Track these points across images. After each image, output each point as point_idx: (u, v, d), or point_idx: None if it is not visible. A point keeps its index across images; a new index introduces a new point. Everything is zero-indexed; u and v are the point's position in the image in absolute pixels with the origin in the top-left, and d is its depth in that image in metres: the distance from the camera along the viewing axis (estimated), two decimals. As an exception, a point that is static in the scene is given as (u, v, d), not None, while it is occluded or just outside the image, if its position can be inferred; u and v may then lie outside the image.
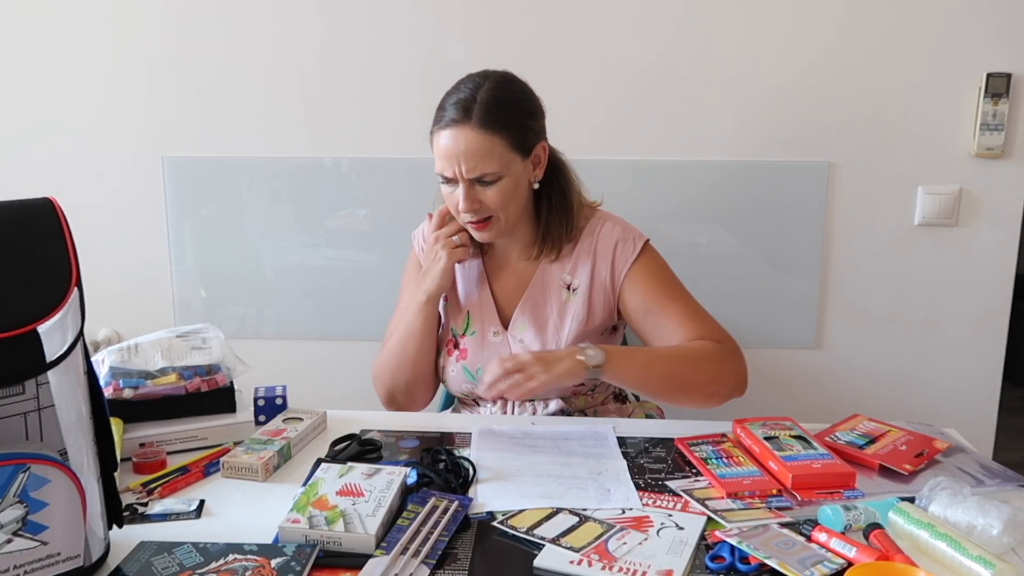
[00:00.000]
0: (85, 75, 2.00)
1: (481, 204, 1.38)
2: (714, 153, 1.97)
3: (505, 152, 1.36)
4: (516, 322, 1.50)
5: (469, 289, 1.53)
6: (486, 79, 1.39)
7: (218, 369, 1.33)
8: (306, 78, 1.98)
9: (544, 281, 1.50)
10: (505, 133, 1.35)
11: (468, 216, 1.40)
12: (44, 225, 0.91)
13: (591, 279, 1.48)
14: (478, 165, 1.35)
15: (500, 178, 1.37)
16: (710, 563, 0.98)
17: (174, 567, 0.94)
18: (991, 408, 2.07)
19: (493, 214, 1.40)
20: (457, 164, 1.35)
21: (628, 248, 1.47)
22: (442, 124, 1.37)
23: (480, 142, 1.34)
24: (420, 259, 1.56)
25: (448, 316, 1.54)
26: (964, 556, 0.94)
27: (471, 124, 1.34)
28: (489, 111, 1.34)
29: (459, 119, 1.34)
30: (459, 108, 1.35)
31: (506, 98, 1.38)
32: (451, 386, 1.55)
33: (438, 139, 1.37)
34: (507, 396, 1.32)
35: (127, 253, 2.09)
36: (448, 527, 1.04)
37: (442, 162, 1.37)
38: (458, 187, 1.37)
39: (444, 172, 1.38)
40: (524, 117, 1.40)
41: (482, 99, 1.35)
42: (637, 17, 1.91)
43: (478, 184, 1.37)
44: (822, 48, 1.91)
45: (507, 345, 1.50)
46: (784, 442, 1.23)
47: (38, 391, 0.88)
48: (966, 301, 2.02)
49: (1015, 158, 1.93)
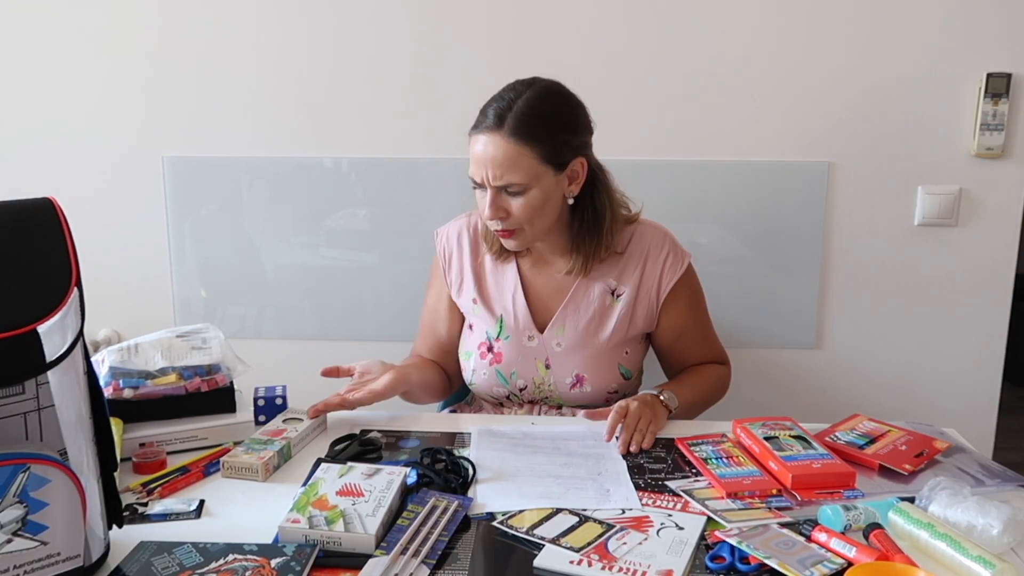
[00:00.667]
0: (85, 75, 2.00)
1: (507, 214, 1.38)
2: (714, 153, 1.97)
3: (534, 164, 1.35)
4: (554, 326, 1.50)
5: (503, 293, 1.52)
6: (529, 87, 1.38)
7: (218, 369, 1.33)
8: (306, 78, 1.98)
9: (588, 286, 1.50)
10: (536, 145, 1.34)
11: (494, 224, 1.40)
12: (44, 225, 0.91)
13: (638, 287, 1.50)
14: (505, 174, 1.34)
15: (527, 189, 1.36)
16: (710, 563, 0.98)
17: (174, 567, 0.94)
18: (991, 408, 2.07)
19: (518, 227, 1.40)
20: (485, 170, 1.35)
21: (677, 264, 1.50)
22: (478, 129, 1.37)
23: (508, 151, 1.33)
24: (441, 258, 1.57)
25: (481, 320, 1.54)
26: (964, 556, 0.94)
27: (502, 132, 1.33)
28: (522, 122, 1.33)
29: (492, 126, 1.34)
30: (495, 115, 1.35)
31: (544, 110, 1.36)
32: (480, 388, 1.55)
33: (473, 143, 1.38)
34: (642, 447, 1.31)
35: (127, 253, 2.09)
36: (448, 527, 1.04)
37: (473, 166, 1.38)
38: (487, 193, 1.37)
39: (474, 176, 1.38)
40: (560, 131, 1.38)
41: (518, 108, 1.34)
42: (636, 18, 1.91)
43: (505, 193, 1.36)
44: (822, 48, 1.90)
45: (544, 349, 1.50)
46: (784, 442, 1.23)
47: (38, 391, 0.88)
48: (966, 301, 2.02)
49: (1015, 158, 1.93)
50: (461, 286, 1.55)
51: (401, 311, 2.05)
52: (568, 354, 1.49)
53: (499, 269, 1.53)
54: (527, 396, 1.52)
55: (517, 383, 1.51)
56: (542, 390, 1.51)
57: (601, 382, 1.49)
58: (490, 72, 1.91)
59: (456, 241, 1.56)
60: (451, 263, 1.56)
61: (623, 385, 1.52)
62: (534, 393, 1.52)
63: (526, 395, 1.52)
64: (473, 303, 1.53)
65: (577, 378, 1.49)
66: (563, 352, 1.49)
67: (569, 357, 1.49)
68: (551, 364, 1.50)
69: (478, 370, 1.52)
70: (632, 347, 1.53)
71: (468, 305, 1.54)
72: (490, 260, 1.54)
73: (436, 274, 1.60)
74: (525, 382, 1.51)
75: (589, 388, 1.49)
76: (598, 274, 1.50)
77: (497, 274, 1.53)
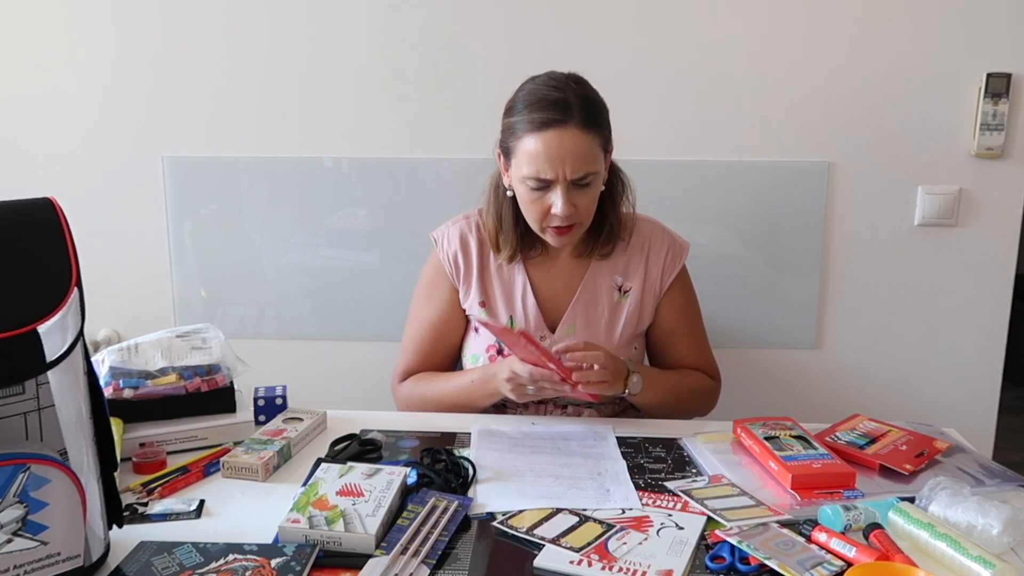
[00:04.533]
0: (85, 75, 2.00)
1: (575, 208, 1.37)
2: (714, 153, 1.97)
3: (599, 152, 1.37)
4: (565, 325, 1.50)
5: (511, 296, 1.51)
6: (572, 80, 1.38)
7: (218, 369, 1.33)
8: (306, 78, 1.98)
9: (595, 283, 1.50)
10: (599, 133, 1.36)
11: (559, 221, 1.37)
12: (44, 225, 0.90)
13: (643, 281, 1.50)
14: (582, 165, 1.33)
15: (596, 179, 1.38)
16: (710, 563, 0.98)
17: (174, 567, 0.94)
18: (991, 408, 2.07)
19: (581, 220, 1.40)
20: (562, 165, 1.33)
21: (678, 258, 1.52)
22: (539, 125, 1.33)
23: (585, 142, 1.34)
24: (443, 262, 1.53)
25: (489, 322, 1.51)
26: (964, 556, 0.94)
27: (574, 124, 1.32)
28: (588, 111, 1.35)
29: (562, 119, 1.32)
30: (559, 109, 1.33)
31: (596, 98, 1.39)
32: None
33: (537, 142, 1.33)
34: (583, 393, 1.29)
35: (127, 253, 2.09)
36: (448, 527, 1.04)
37: (542, 164, 1.33)
38: (550, 191, 1.35)
39: (543, 175, 1.34)
40: (607, 117, 1.40)
41: (578, 99, 1.34)
42: (636, 18, 1.91)
43: (575, 187, 1.36)
44: (822, 48, 1.90)
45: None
46: (784, 442, 1.23)
47: (38, 391, 0.88)
48: (966, 301, 2.02)
49: (1015, 158, 1.93)
50: (469, 289, 1.53)
51: (401, 311, 2.03)
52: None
53: (505, 270, 1.52)
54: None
55: None
56: None
57: None
58: (490, 72, 1.92)
59: (460, 243, 1.52)
60: (458, 266, 1.52)
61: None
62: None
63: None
64: (481, 306, 1.52)
65: None
66: None
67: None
68: None
69: None
70: (639, 342, 1.54)
71: (475, 309, 1.52)
72: (495, 262, 1.52)
73: (439, 283, 1.54)
74: None
75: None
76: (604, 270, 1.50)
77: (504, 275, 1.52)
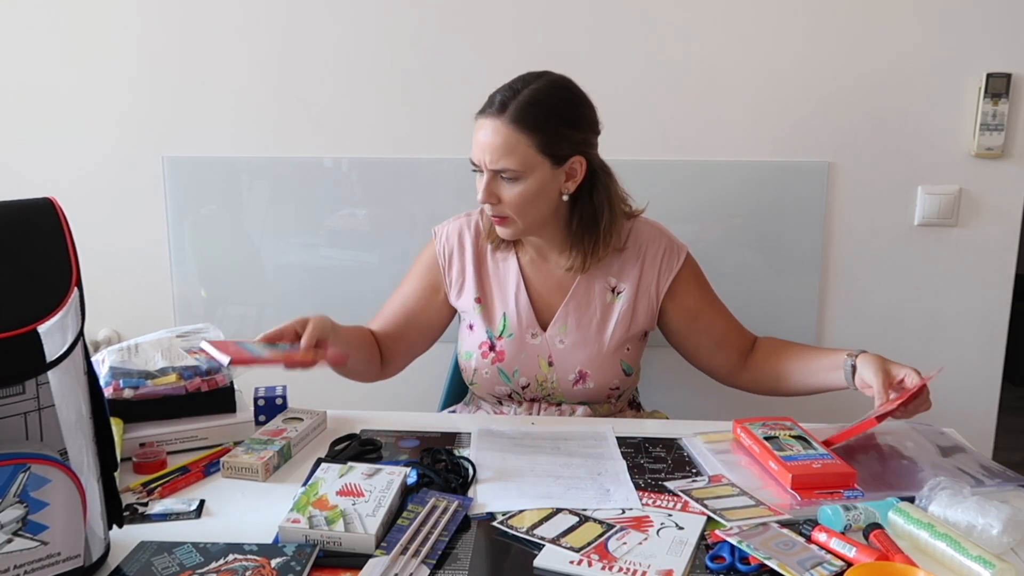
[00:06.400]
0: (85, 75, 2.00)
1: (498, 199, 1.40)
2: (714, 153, 1.97)
3: (530, 153, 1.37)
4: (556, 323, 1.51)
5: (505, 290, 1.53)
6: (538, 79, 1.40)
7: (218, 369, 1.33)
8: (306, 78, 1.98)
9: (589, 283, 1.51)
10: (534, 134, 1.36)
11: (487, 208, 1.43)
12: (44, 225, 0.90)
13: (638, 284, 1.51)
14: (500, 159, 1.36)
15: (521, 177, 1.38)
16: (710, 563, 0.98)
17: (174, 567, 0.94)
18: (991, 408, 2.07)
19: (508, 214, 1.41)
20: (482, 153, 1.38)
21: (675, 258, 1.52)
22: (482, 113, 1.40)
23: (507, 137, 1.36)
24: (438, 256, 1.56)
25: (483, 318, 1.53)
26: (964, 556, 0.94)
27: (503, 118, 1.36)
28: (523, 110, 1.36)
29: (495, 111, 1.37)
30: (499, 101, 1.38)
31: (547, 102, 1.38)
32: (482, 387, 1.54)
33: (476, 127, 1.41)
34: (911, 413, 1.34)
35: (127, 253, 2.09)
36: (448, 527, 1.04)
37: (474, 149, 1.41)
38: (483, 176, 1.40)
39: (473, 159, 1.41)
40: (560, 124, 1.39)
41: (523, 97, 1.37)
42: (636, 18, 1.91)
43: (500, 178, 1.39)
44: (822, 48, 1.90)
45: (547, 347, 1.50)
46: (784, 442, 1.23)
47: (38, 391, 0.88)
48: (966, 301, 2.02)
49: (1015, 158, 1.93)
50: (463, 287, 1.54)
51: (401, 311, 2.05)
52: (571, 351, 1.50)
53: (501, 267, 1.53)
54: (529, 394, 1.52)
55: (519, 381, 1.51)
56: (544, 387, 1.51)
57: (604, 378, 1.50)
58: (490, 72, 1.91)
59: (457, 240, 1.55)
60: (452, 263, 1.55)
61: (624, 381, 1.52)
62: (536, 391, 1.52)
63: (528, 393, 1.52)
64: (476, 302, 1.53)
65: (580, 374, 1.49)
66: (566, 349, 1.50)
67: (572, 354, 1.50)
68: (554, 361, 1.50)
69: (480, 369, 1.52)
70: (633, 344, 1.54)
71: (470, 305, 1.53)
72: (492, 259, 1.54)
73: (429, 270, 1.57)
74: (528, 380, 1.51)
75: (591, 384, 1.50)
76: (598, 271, 1.50)
77: (499, 272, 1.53)
